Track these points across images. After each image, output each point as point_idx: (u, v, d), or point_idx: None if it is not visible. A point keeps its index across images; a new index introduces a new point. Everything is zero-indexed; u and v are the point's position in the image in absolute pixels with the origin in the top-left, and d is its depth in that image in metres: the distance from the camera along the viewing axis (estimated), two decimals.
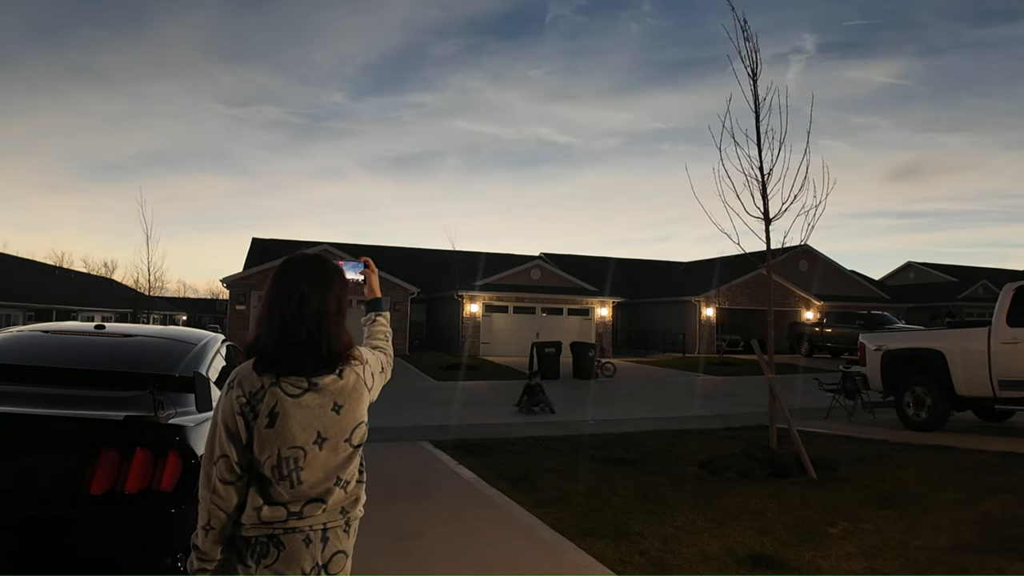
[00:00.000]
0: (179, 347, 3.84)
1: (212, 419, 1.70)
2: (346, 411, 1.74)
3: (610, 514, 5.16)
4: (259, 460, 1.65)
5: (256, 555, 1.65)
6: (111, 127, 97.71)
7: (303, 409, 1.67)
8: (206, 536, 1.65)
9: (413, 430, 9.93)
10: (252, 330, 1.76)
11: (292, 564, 1.66)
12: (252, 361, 1.69)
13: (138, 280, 28.67)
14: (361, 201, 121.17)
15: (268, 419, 1.64)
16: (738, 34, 7.18)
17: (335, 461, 1.74)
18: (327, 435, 1.71)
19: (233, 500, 1.65)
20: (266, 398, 1.64)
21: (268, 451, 1.64)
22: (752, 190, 7.15)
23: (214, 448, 1.66)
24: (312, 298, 1.71)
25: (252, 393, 1.65)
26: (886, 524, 4.86)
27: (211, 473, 1.66)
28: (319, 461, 1.70)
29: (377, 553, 4.27)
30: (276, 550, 1.65)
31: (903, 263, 43.61)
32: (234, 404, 1.65)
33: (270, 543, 1.65)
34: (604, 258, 40.18)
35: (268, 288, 1.76)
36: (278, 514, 1.65)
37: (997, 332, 8.84)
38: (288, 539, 1.66)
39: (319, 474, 1.70)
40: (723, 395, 15.82)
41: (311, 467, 1.68)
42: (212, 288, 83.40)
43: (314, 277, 1.74)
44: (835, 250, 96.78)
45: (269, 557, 1.65)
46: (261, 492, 1.66)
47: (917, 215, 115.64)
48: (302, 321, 1.68)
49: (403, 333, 27.42)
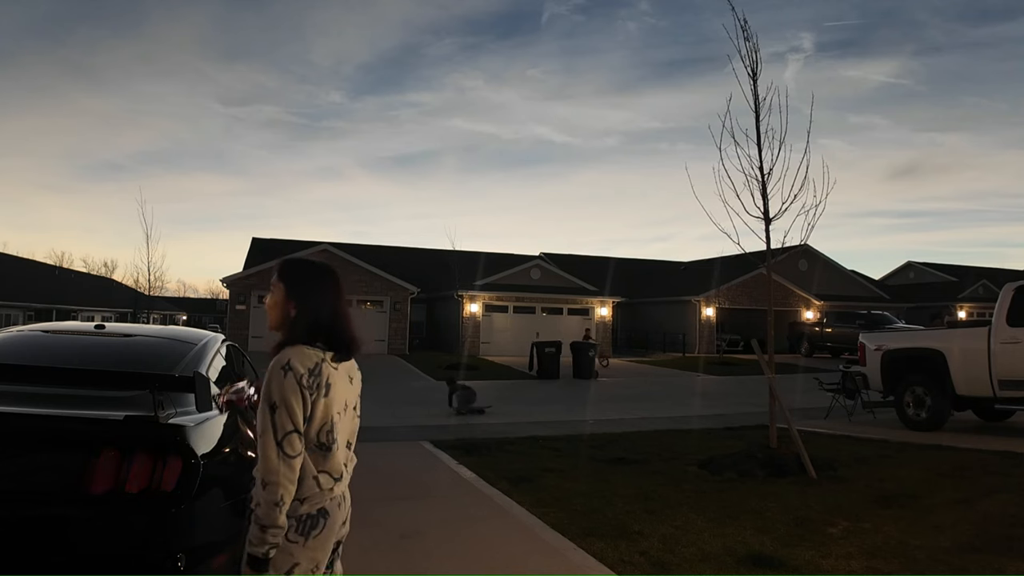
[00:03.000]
0: (179, 347, 3.84)
1: (267, 400, 1.83)
2: (355, 382, 2.11)
3: (610, 514, 5.16)
4: (313, 430, 1.87)
5: (306, 528, 1.83)
6: (110, 126, 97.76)
7: (339, 380, 1.96)
8: (279, 511, 1.76)
9: (412, 430, 9.93)
10: (290, 317, 1.99)
11: (333, 529, 1.90)
12: (299, 341, 1.92)
13: (138, 280, 28.68)
14: (360, 201, 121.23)
15: (327, 388, 1.89)
16: (738, 33, 7.19)
17: (351, 427, 2.05)
18: (347, 403, 2.02)
19: (298, 473, 1.81)
20: (325, 369, 1.90)
21: (323, 418, 1.88)
22: (752, 190, 7.16)
23: (280, 425, 1.80)
24: (343, 296, 2.10)
25: (311, 369, 1.87)
26: (886, 524, 4.86)
27: (279, 451, 1.78)
28: (343, 427, 1.98)
29: (377, 553, 4.27)
30: (323, 519, 1.86)
31: (903, 263, 43.58)
32: (295, 381, 1.83)
33: (319, 515, 1.86)
34: (604, 258, 40.18)
35: (315, 282, 2.04)
36: (328, 482, 1.88)
37: (997, 332, 8.84)
38: (331, 506, 1.89)
39: (344, 439, 1.99)
40: (723, 395, 15.81)
41: (341, 433, 1.96)
42: (212, 288, 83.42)
43: (339, 281, 2.11)
44: (835, 250, 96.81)
45: (318, 527, 1.85)
46: (314, 461, 1.87)
47: (916, 215, 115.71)
48: (341, 313, 2.04)
49: (403, 333, 27.42)
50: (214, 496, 2.76)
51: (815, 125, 7.33)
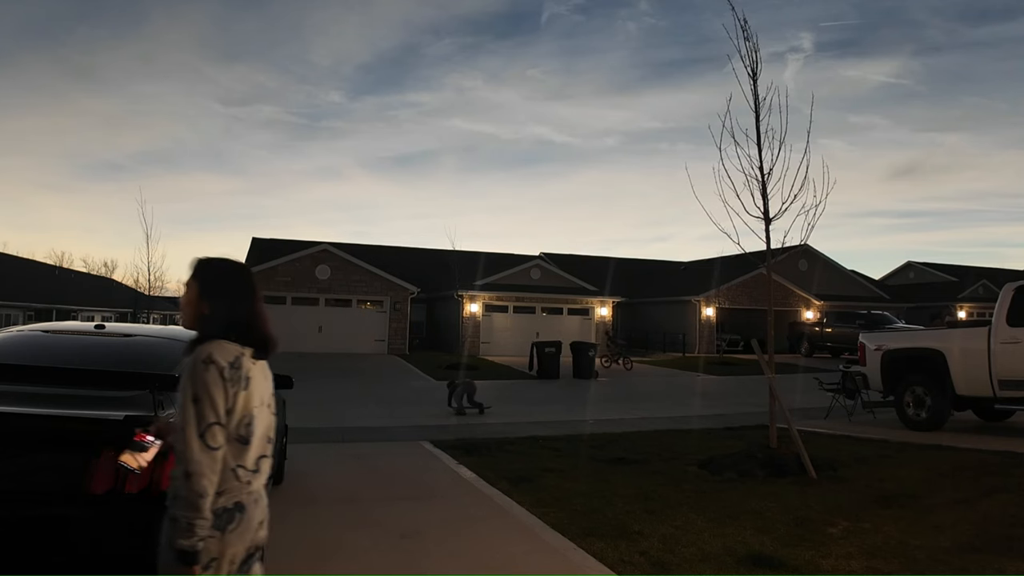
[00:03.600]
0: (179, 347, 3.83)
1: (189, 393, 1.84)
2: (269, 380, 2.09)
3: (610, 514, 5.16)
4: (233, 423, 1.88)
5: (222, 523, 1.83)
6: (110, 126, 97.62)
7: (257, 375, 1.98)
8: (204, 503, 1.77)
9: (412, 430, 9.94)
10: (203, 313, 2.00)
11: (250, 526, 1.91)
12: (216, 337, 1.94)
13: (138, 280, 28.71)
14: (360, 200, 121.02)
15: (246, 381, 1.91)
16: (738, 33, 7.19)
17: (268, 422, 2.04)
18: (263, 399, 2.01)
19: (220, 465, 1.83)
20: (244, 363, 1.92)
21: (243, 412, 1.90)
22: (752, 190, 7.16)
23: (203, 417, 1.81)
24: (258, 294, 2.09)
25: (231, 362, 1.89)
26: (886, 524, 4.86)
27: (201, 443, 1.80)
28: (261, 421, 1.98)
29: (377, 553, 4.27)
30: (239, 514, 1.87)
31: (903, 263, 43.55)
32: (217, 373, 1.85)
33: (235, 509, 1.86)
34: (604, 258, 40.15)
35: (228, 280, 2.05)
36: (246, 475, 1.90)
37: (997, 332, 8.84)
38: (247, 500, 1.90)
39: (262, 433, 1.98)
40: (723, 395, 15.82)
41: (259, 427, 1.96)
42: None
43: (252, 279, 2.13)
44: (835, 250, 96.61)
45: (234, 522, 1.86)
46: (232, 454, 1.88)
47: (916, 215, 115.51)
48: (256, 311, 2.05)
49: (403, 333, 27.40)
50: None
51: (815, 125, 7.34)
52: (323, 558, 4.13)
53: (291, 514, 5.02)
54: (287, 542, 4.33)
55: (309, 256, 26.66)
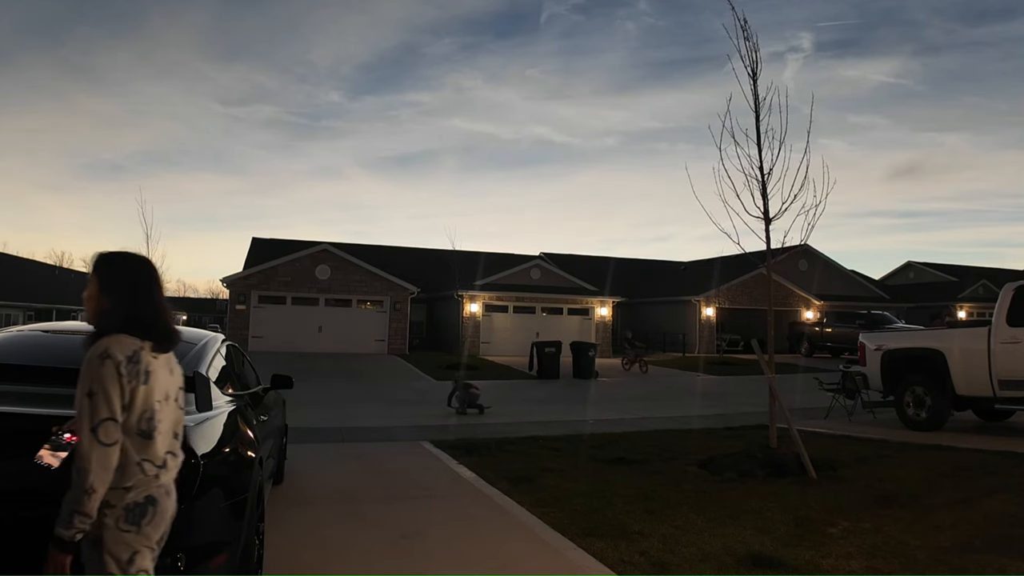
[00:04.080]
0: (179, 347, 3.83)
1: (84, 388, 1.85)
2: (175, 374, 2.11)
3: (610, 514, 5.16)
4: (134, 417, 1.88)
5: (136, 517, 1.86)
6: (109, 126, 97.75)
7: (158, 369, 1.98)
8: (88, 499, 1.77)
9: (412, 430, 9.94)
10: (103, 307, 2.00)
11: (164, 518, 1.93)
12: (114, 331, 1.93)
13: None
14: (360, 200, 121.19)
15: (145, 376, 1.91)
16: (738, 33, 7.18)
17: (174, 417, 2.05)
18: (168, 393, 2.02)
19: (115, 461, 1.82)
20: (144, 357, 1.92)
21: (143, 406, 1.90)
22: (752, 190, 7.15)
23: (95, 412, 1.81)
24: (159, 288, 2.10)
25: (129, 356, 1.89)
26: (886, 524, 4.86)
27: (94, 438, 1.80)
28: (165, 415, 1.98)
29: (377, 553, 4.27)
30: (152, 507, 1.89)
31: (903, 263, 43.56)
32: (113, 368, 1.85)
33: (147, 503, 1.89)
34: (604, 258, 40.16)
35: (128, 275, 2.05)
36: (152, 469, 1.91)
37: (997, 332, 8.84)
38: (158, 493, 1.92)
39: (167, 427, 1.98)
40: (723, 395, 15.82)
41: (163, 421, 1.96)
42: (212, 288, 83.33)
43: (155, 273, 2.12)
44: (835, 250, 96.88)
45: (147, 515, 1.88)
46: (136, 448, 1.88)
47: (917, 215, 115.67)
48: (157, 305, 2.05)
49: (403, 333, 27.39)
50: (214, 496, 2.76)
51: (815, 125, 7.34)
52: (323, 558, 4.13)
53: (291, 514, 5.02)
54: (287, 542, 4.33)
55: (309, 256, 26.66)
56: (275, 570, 3.80)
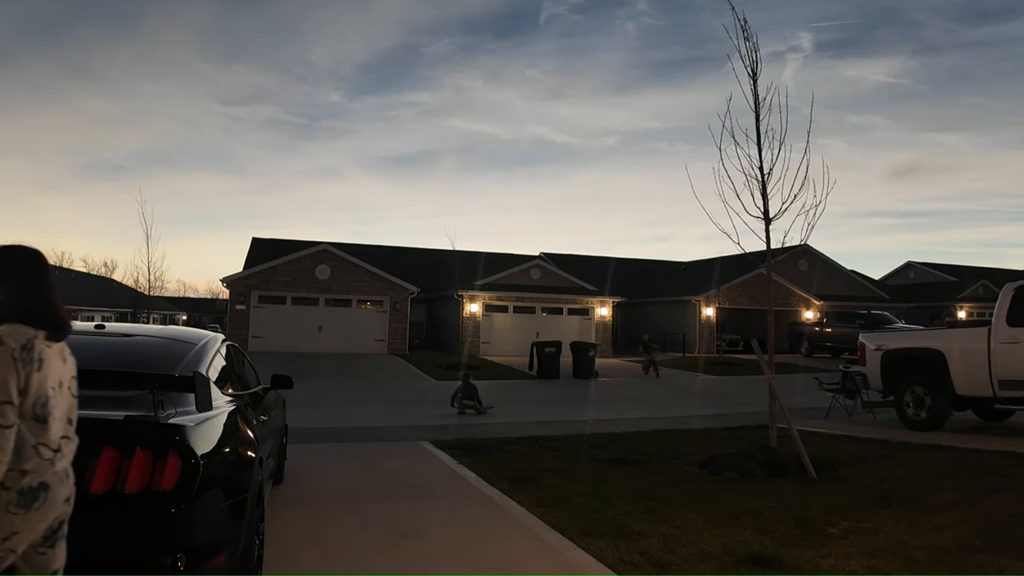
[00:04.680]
0: (179, 347, 3.84)
1: None
2: (68, 363, 2.16)
3: (610, 514, 5.16)
4: (29, 402, 1.95)
5: (27, 501, 1.91)
6: (110, 126, 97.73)
7: (52, 358, 2.04)
8: None
9: (412, 430, 9.94)
10: None
11: (55, 504, 1.99)
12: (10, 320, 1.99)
13: (138, 280, 28.67)
14: (360, 200, 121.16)
15: (39, 363, 1.98)
16: (738, 33, 7.18)
17: (67, 403, 2.11)
18: (61, 380, 2.08)
19: (11, 446, 1.87)
20: (37, 345, 1.98)
21: (37, 392, 1.96)
22: (752, 190, 7.16)
23: None
24: (49, 279, 2.16)
25: (23, 344, 1.95)
26: (886, 524, 4.86)
27: None
28: (59, 402, 2.05)
29: (377, 552, 4.27)
30: (44, 493, 1.95)
31: (903, 263, 43.55)
32: (8, 355, 1.91)
33: (40, 488, 1.94)
34: (604, 258, 40.17)
35: (18, 267, 2.11)
36: (47, 452, 1.97)
37: (997, 332, 8.84)
38: (52, 480, 1.98)
39: (61, 414, 2.05)
40: (723, 395, 15.82)
41: (57, 408, 2.03)
42: (212, 288, 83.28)
43: (44, 264, 2.18)
44: (835, 250, 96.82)
45: (39, 500, 1.93)
46: (32, 432, 1.94)
47: (916, 215, 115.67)
48: (47, 295, 2.12)
49: (403, 333, 27.39)
50: (214, 496, 2.76)
51: (815, 125, 7.34)
52: (323, 558, 4.13)
53: (291, 513, 5.02)
54: (287, 542, 4.33)
55: (309, 256, 26.65)
56: (275, 570, 3.80)
